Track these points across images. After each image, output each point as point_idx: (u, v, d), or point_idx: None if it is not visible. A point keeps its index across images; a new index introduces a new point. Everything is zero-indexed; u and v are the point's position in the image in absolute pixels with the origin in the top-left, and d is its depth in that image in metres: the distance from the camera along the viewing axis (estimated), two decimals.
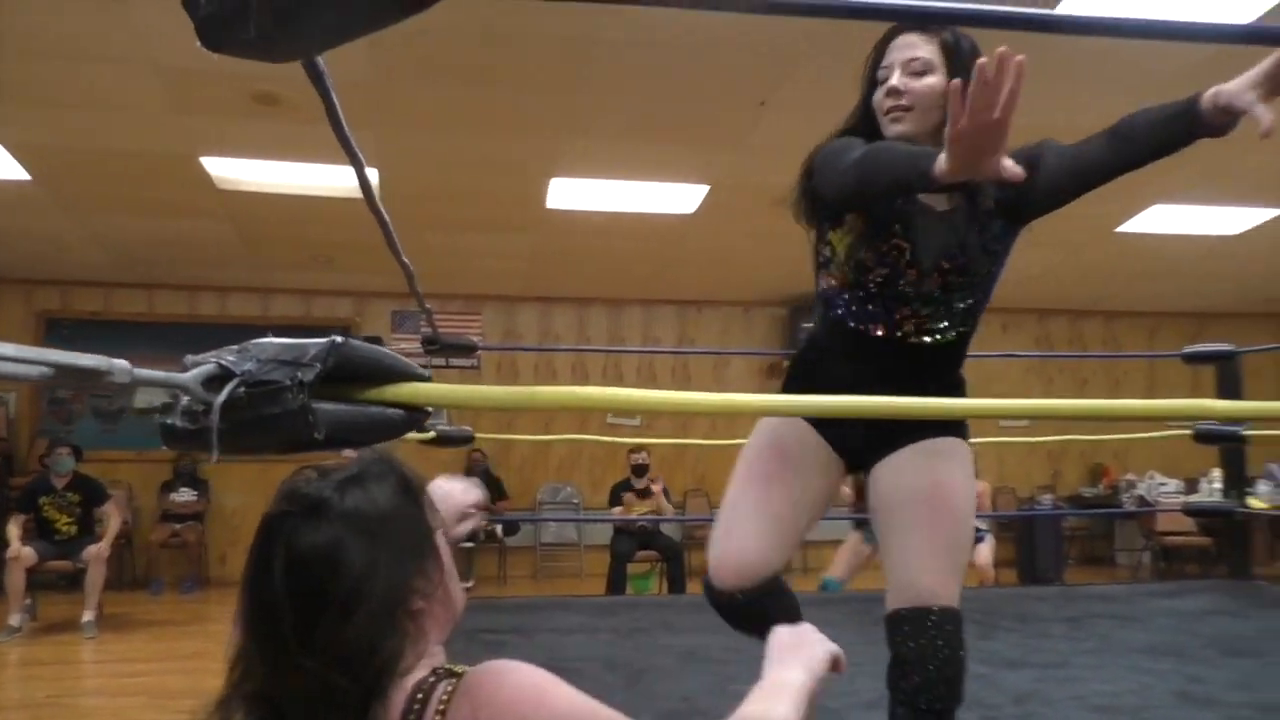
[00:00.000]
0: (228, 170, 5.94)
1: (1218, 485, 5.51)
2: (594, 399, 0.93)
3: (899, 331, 1.76)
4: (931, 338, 1.77)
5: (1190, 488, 8.42)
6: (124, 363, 0.76)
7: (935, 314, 1.76)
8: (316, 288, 8.81)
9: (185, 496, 7.96)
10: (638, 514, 7.05)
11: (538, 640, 3.24)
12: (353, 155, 1.17)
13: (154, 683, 4.75)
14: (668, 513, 7.19)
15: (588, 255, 7.88)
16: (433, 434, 4.02)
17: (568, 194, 6.39)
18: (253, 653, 0.92)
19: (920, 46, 1.67)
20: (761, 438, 1.88)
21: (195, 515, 7.98)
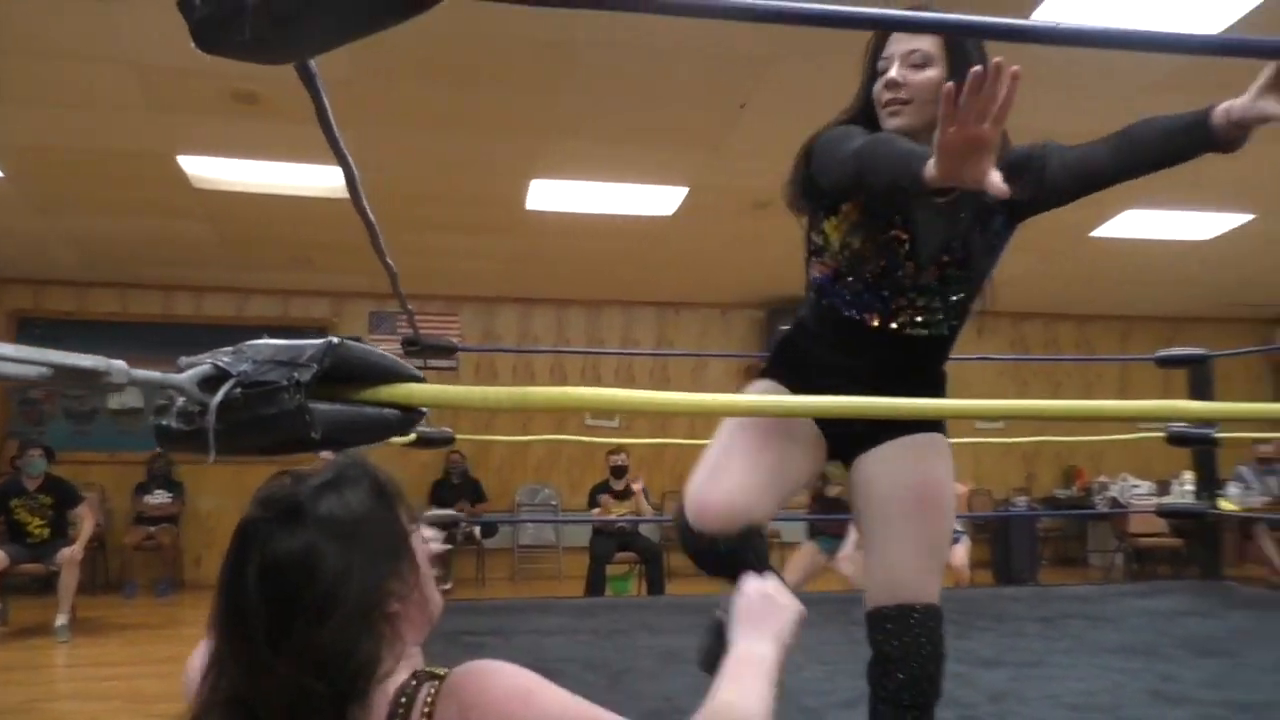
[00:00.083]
0: (205, 169, 5.89)
1: (1189, 487, 5.58)
2: (587, 399, 0.93)
3: (893, 322, 1.74)
4: (925, 330, 1.76)
5: (1162, 490, 8.52)
6: (121, 363, 0.76)
7: (930, 306, 1.74)
8: (294, 288, 8.77)
9: (160, 499, 7.89)
10: (616, 515, 7.06)
11: (517, 642, 3.24)
12: (341, 157, 1.18)
13: (129, 687, 4.70)
14: (647, 514, 7.20)
15: (567, 257, 7.87)
16: (413, 435, 4.00)
17: (547, 195, 6.38)
18: (227, 658, 0.91)
19: (921, 38, 1.64)
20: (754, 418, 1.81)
21: (170, 517, 7.91)
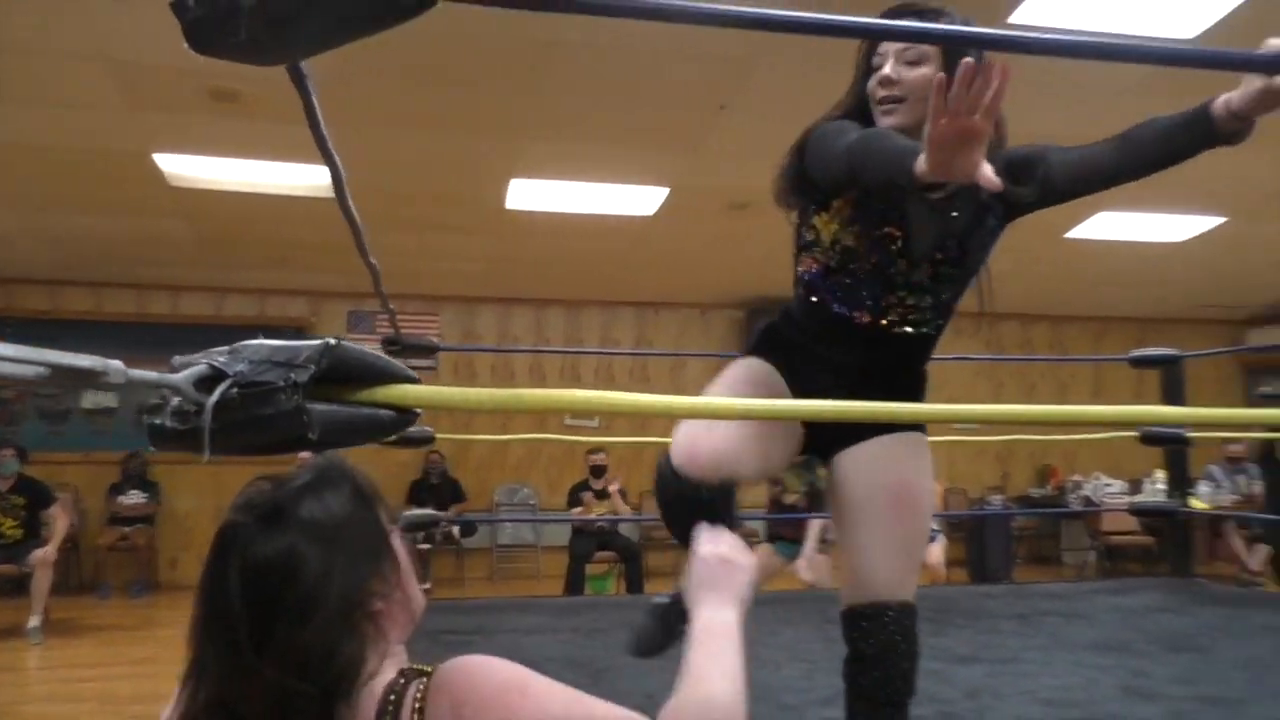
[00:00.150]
0: (182, 168, 5.85)
1: (1161, 486, 5.65)
2: (582, 401, 0.94)
3: (883, 320, 1.72)
4: (913, 329, 1.74)
5: (1134, 488, 8.62)
6: (118, 363, 0.77)
7: (920, 305, 1.73)
8: (271, 287, 8.70)
9: (135, 499, 7.82)
10: (596, 514, 7.07)
11: (499, 640, 3.24)
12: (329, 157, 1.18)
13: (104, 688, 4.66)
14: (624, 513, 7.21)
15: (547, 256, 7.87)
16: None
17: (527, 195, 6.38)
18: (209, 663, 0.91)
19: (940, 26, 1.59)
20: (746, 370, 1.79)
21: (145, 518, 7.85)
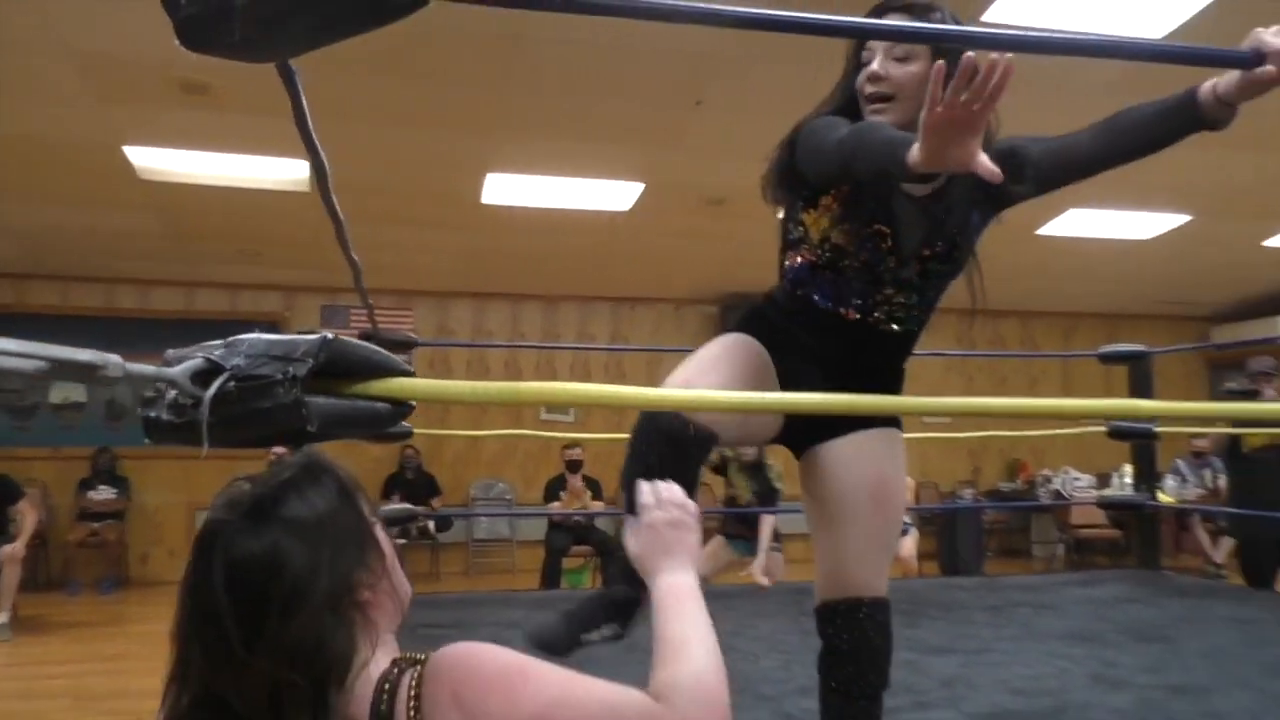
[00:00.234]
0: (151, 160, 5.79)
1: (1129, 480, 5.74)
2: (575, 395, 0.96)
3: (870, 317, 1.71)
4: (900, 325, 1.74)
5: (1102, 482, 8.75)
6: (117, 358, 0.78)
7: (908, 301, 1.72)
8: (243, 281, 8.63)
9: (104, 494, 7.75)
10: (574, 509, 7.08)
11: (478, 634, 3.21)
12: (314, 153, 1.19)
13: (75, 685, 4.62)
14: (591, 508, 7.22)
15: (523, 251, 7.86)
16: None
17: (503, 190, 6.37)
18: (195, 661, 0.91)
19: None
20: (738, 344, 1.74)
21: (115, 513, 7.77)
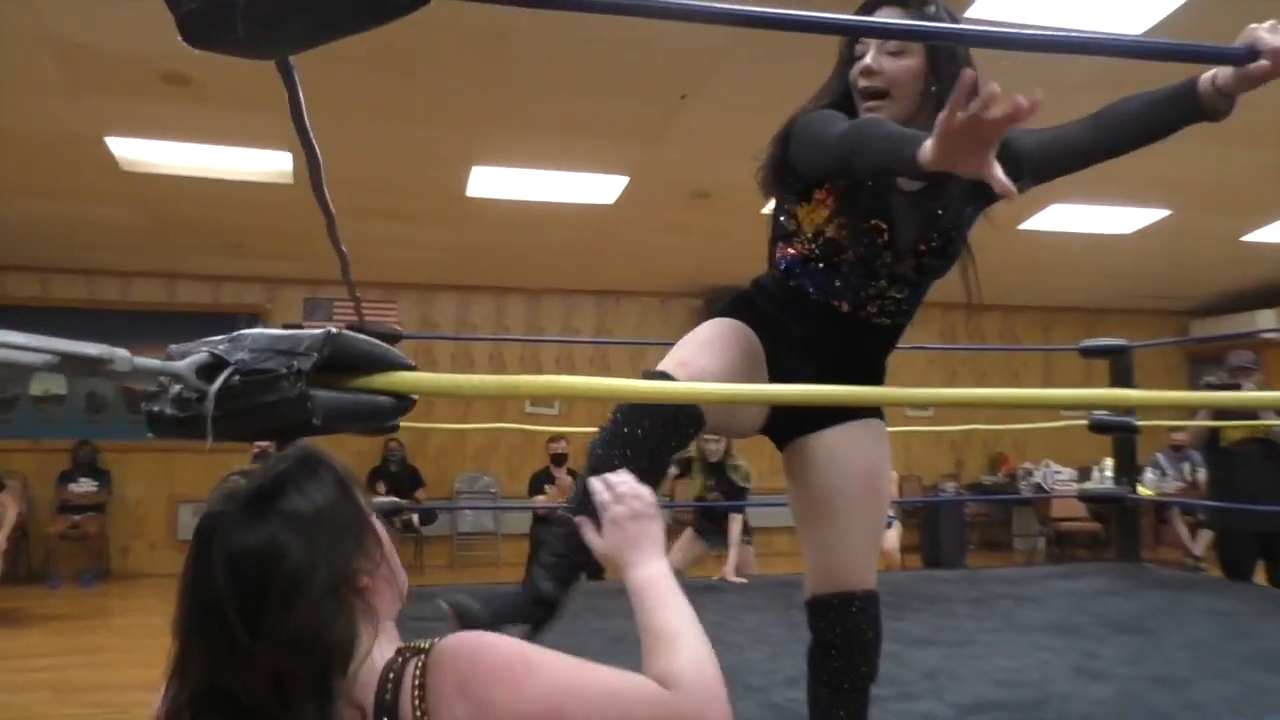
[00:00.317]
0: (134, 152, 5.75)
1: (1109, 473, 5.80)
2: (576, 388, 0.97)
3: (863, 311, 1.70)
4: (891, 319, 1.73)
5: (1083, 476, 8.83)
6: (124, 351, 0.78)
7: (900, 295, 1.71)
8: (225, 274, 8.58)
9: (85, 487, 7.71)
10: (559, 502, 7.09)
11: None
12: (309, 148, 1.19)
13: (57, 677, 4.61)
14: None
15: (507, 244, 7.85)
16: None
17: (489, 183, 6.36)
18: (197, 654, 0.91)
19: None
20: (731, 329, 1.70)
21: (96, 506, 7.74)
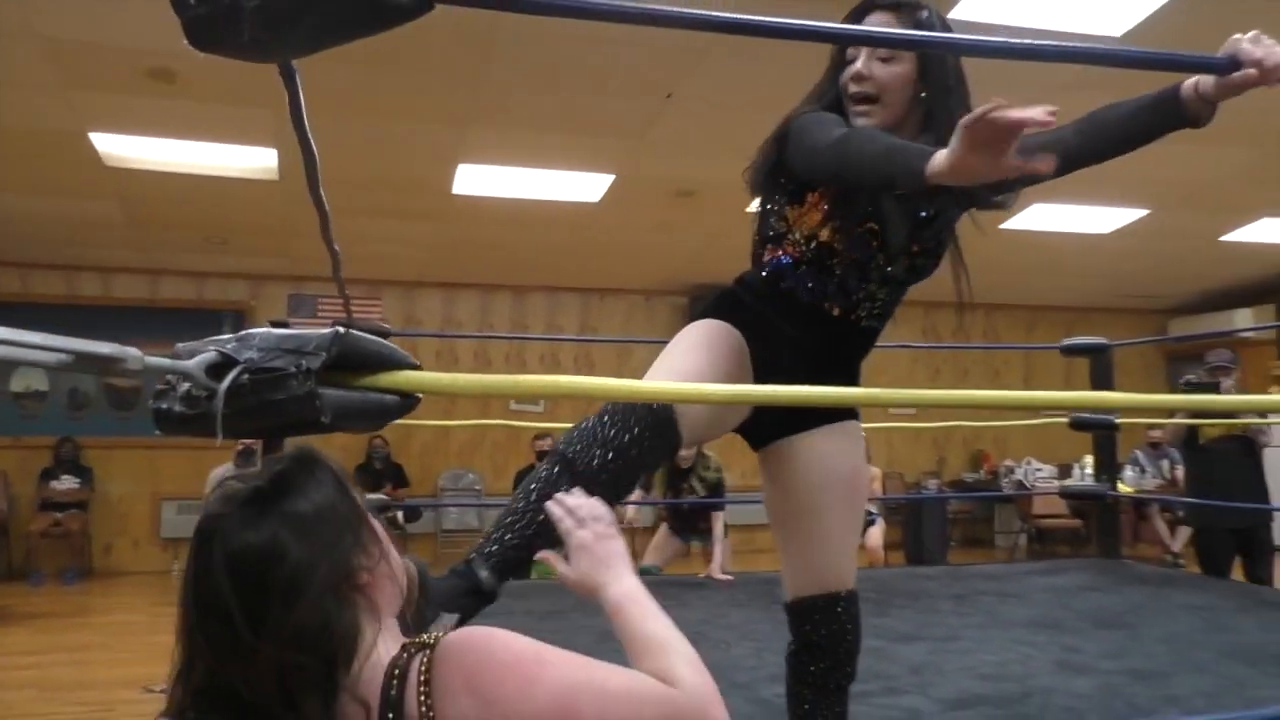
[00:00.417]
0: (118, 147, 5.72)
1: (1089, 471, 5.86)
2: (576, 387, 0.98)
3: (853, 314, 1.69)
4: (877, 322, 1.73)
5: (1064, 473, 8.90)
6: (135, 350, 0.80)
7: (887, 298, 1.71)
8: (209, 270, 8.53)
9: (67, 484, 7.67)
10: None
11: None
12: (307, 149, 1.20)
13: (41, 675, 4.59)
14: None
15: (493, 242, 7.85)
16: None
17: (475, 180, 6.36)
18: (201, 655, 0.91)
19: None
20: (718, 333, 1.68)
21: (78, 503, 7.70)
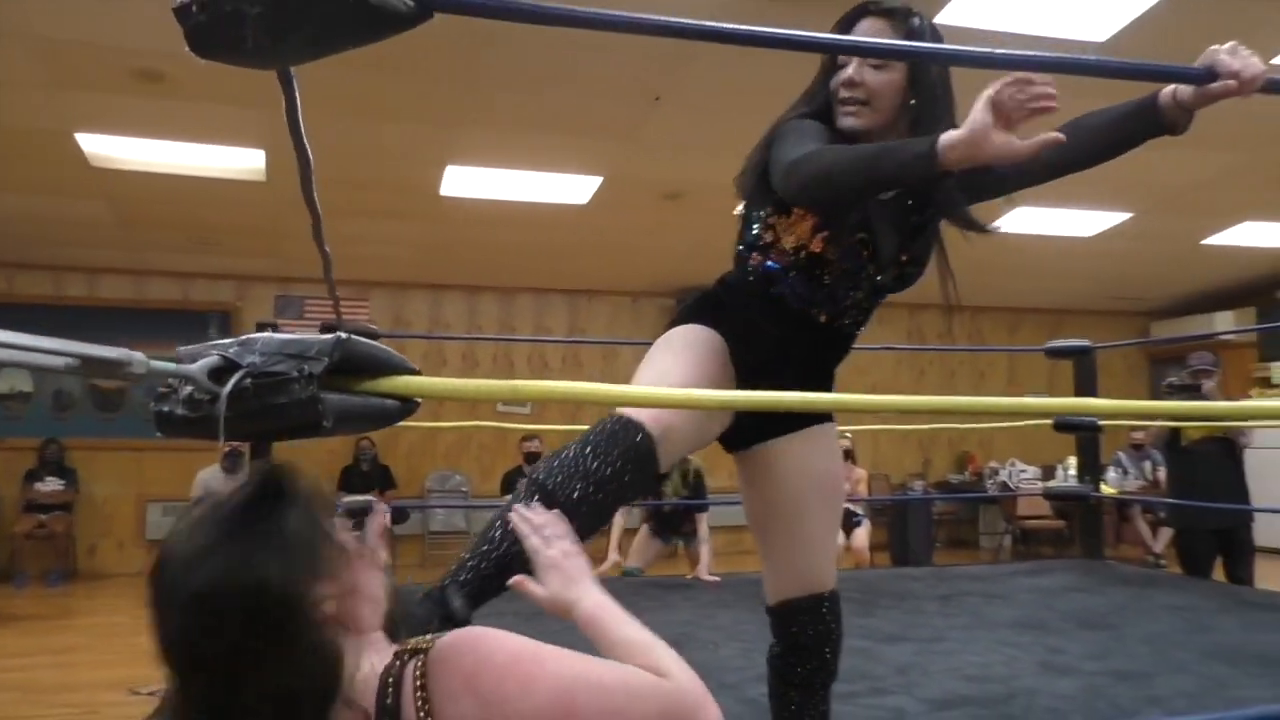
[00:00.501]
0: (104, 147, 5.70)
1: (1073, 472, 5.90)
2: (577, 394, 1.00)
3: (839, 321, 1.69)
4: (858, 328, 1.74)
5: (1047, 474, 8.96)
6: (140, 355, 0.81)
7: (870, 305, 1.71)
8: (195, 270, 8.49)
9: (52, 486, 7.63)
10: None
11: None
12: (301, 152, 1.21)
13: (26, 678, 4.57)
14: None
15: (480, 243, 7.85)
16: None
17: (463, 182, 6.37)
18: (187, 696, 0.89)
19: (884, 36, 1.56)
20: (703, 338, 1.66)
21: (63, 505, 7.66)
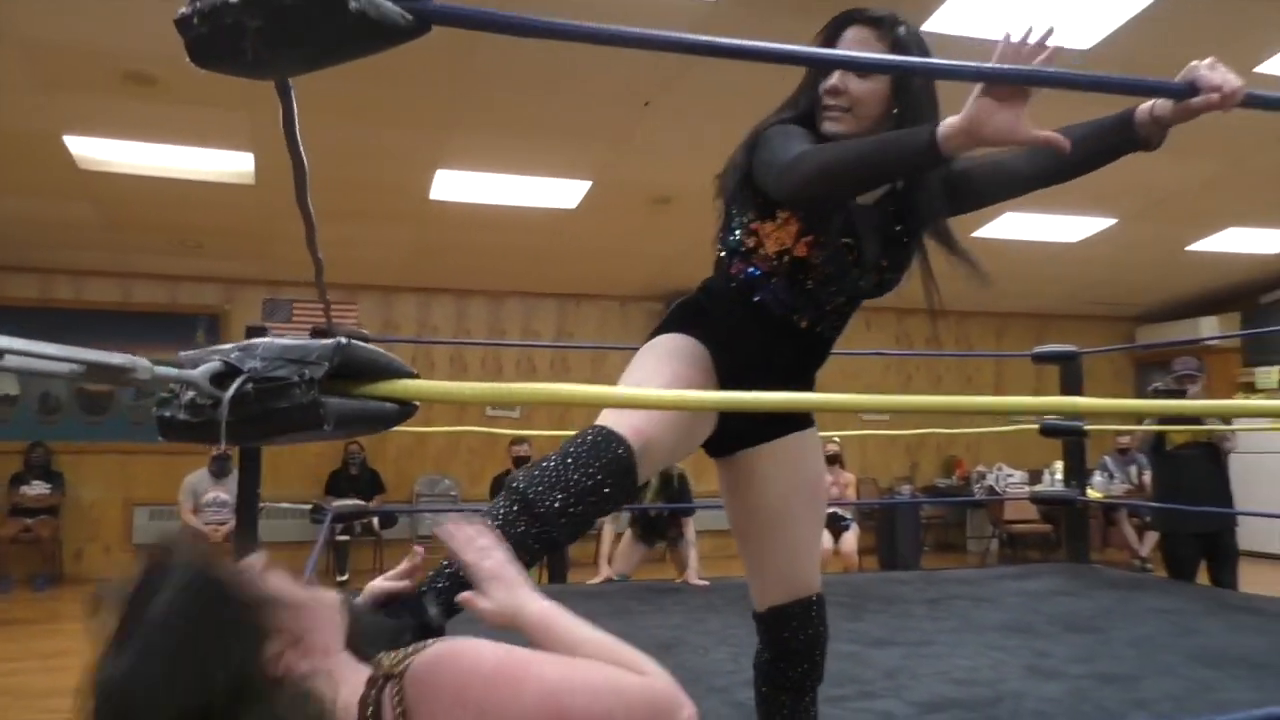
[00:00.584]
0: (92, 150, 5.69)
1: (1059, 476, 5.95)
2: (573, 396, 1.01)
3: (818, 326, 1.70)
4: (836, 333, 1.74)
5: (1034, 479, 9.02)
6: (145, 360, 0.82)
7: (850, 310, 1.72)
8: (183, 273, 8.46)
9: (38, 489, 7.58)
10: None
11: None
12: (296, 158, 1.22)
13: (15, 683, 4.55)
14: None
15: (469, 247, 7.86)
16: None
17: (452, 186, 6.38)
18: None
19: (870, 45, 1.55)
20: (686, 348, 1.67)
21: (49, 509, 7.61)
